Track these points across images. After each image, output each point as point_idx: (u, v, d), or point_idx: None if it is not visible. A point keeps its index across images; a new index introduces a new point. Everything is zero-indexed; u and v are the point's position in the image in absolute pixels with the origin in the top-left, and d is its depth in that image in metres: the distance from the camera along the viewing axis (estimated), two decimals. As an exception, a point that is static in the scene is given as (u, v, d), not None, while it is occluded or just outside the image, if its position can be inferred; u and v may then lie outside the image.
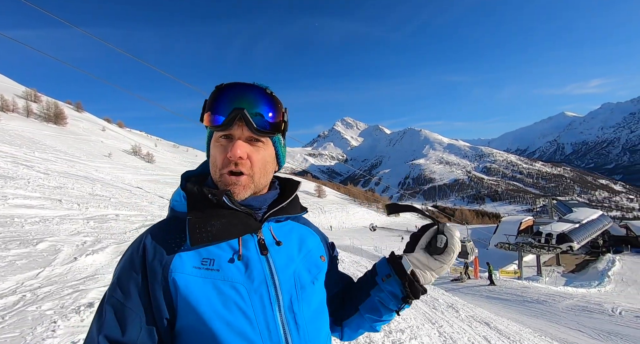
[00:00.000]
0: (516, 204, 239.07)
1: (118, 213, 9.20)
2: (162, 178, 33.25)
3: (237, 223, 0.71)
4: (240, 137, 0.70)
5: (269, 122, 0.71)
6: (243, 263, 0.69)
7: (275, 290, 0.70)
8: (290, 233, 0.82)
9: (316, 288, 0.79)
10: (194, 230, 0.67)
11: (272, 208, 0.78)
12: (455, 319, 6.92)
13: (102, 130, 52.22)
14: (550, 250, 27.05)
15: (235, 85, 0.71)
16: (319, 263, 0.84)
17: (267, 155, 0.75)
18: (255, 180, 0.73)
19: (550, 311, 12.19)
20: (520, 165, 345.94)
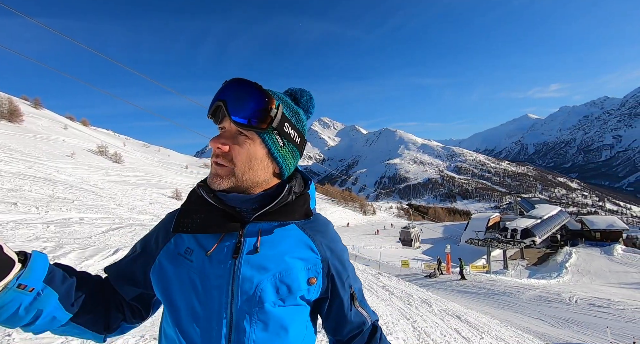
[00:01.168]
0: (485, 201, 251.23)
1: (82, 216, 8.68)
2: (132, 179, 31.67)
3: (212, 220, 0.71)
4: (230, 130, 0.71)
5: (250, 115, 0.68)
6: (210, 260, 0.70)
7: (229, 299, 0.67)
8: (281, 242, 0.75)
9: (280, 312, 0.71)
10: (178, 219, 0.74)
11: (261, 210, 0.73)
12: (429, 314, 7.17)
13: (64, 128, 48.90)
14: (516, 245, 28.74)
15: (228, 81, 0.71)
16: (299, 284, 0.74)
17: (253, 150, 0.71)
18: (237, 174, 0.70)
19: (515, 303, 12.95)
20: (488, 164, 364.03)
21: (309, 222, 0.80)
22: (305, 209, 0.78)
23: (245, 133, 0.70)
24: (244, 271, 0.69)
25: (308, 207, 0.79)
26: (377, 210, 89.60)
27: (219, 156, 0.70)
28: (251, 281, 0.69)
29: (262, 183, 0.74)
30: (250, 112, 0.68)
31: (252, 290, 0.68)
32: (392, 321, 5.53)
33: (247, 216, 0.74)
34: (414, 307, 7.57)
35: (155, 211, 13.79)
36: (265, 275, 0.70)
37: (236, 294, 0.68)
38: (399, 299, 8.18)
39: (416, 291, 10.73)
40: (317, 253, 0.78)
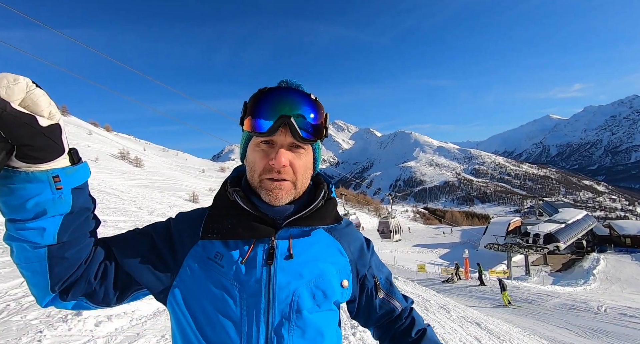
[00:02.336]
0: (504, 205, 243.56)
1: (106, 218, 9.02)
2: (152, 182, 32.68)
3: (246, 226, 0.71)
4: (283, 144, 0.69)
5: (312, 129, 0.69)
6: (245, 268, 0.69)
7: (267, 306, 0.68)
8: (312, 247, 0.76)
9: (316, 317, 0.72)
10: (207, 225, 0.74)
11: (294, 215, 0.74)
12: (447, 320, 7.00)
13: (89, 134, 51.17)
14: (538, 250, 27.65)
15: (279, 89, 0.69)
16: (334, 289, 0.75)
17: (308, 161, 0.74)
18: (297, 187, 0.73)
19: (539, 310, 12.42)
20: (507, 167, 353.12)
21: (335, 226, 0.81)
22: (335, 214, 0.80)
23: (303, 146, 0.72)
24: (280, 278, 0.69)
25: (337, 212, 0.82)
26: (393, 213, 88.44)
27: (281, 171, 0.69)
28: (288, 288, 0.69)
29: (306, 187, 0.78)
30: (313, 126, 0.69)
31: (289, 297, 0.69)
32: (408, 327, 5.44)
33: (278, 221, 0.73)
34: (432, 313, 7.41)
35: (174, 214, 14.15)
36: (301, 281, 0.71)
37: (273, 301, 0.68)
38: (415, 304, 8.00)
39: (433, 296, 10.50)
40: (345, 256, 0.81)
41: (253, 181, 0.73)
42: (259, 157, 0.70)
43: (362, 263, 0.84)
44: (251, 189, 0.75)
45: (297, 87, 0.72)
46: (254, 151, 0.72)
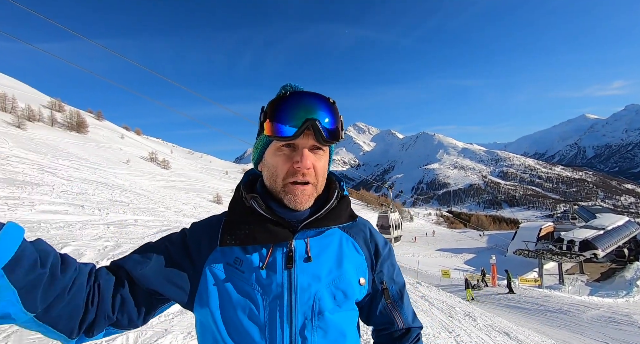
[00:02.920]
0: (535, 209, 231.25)
1: (136, 218, 9.46)
2: (178, 184, 33.97)
3: (263, 231, 0.72)
4: (305, 146, 0.70)
5: (332, 132, 0.71)
6: (266, 272, 0.71)
7: (289, 309, 0.69)
8: (328, 247, 0.77)
9: (337, 318, 0.73)
10: (225, 232, 0.74)
11: (310, 218, 0.75)
12: (473, 329, 6.74)
13: (121, 138, 54.03)
14: (573, 258, 25.97)
15: (300, 94, 0.70)
16: (353, 288, 0.77)
17: (326, 162, 0.77)
18: (318, 189, 0.75)
19: (575, 322, 11.66)
20: (538, 169, 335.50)
21: (350, 224, 0.81)
22: (349, 212, 0.81)
23: (322, 148, 0.74)
24: (301, 280, 0.71)
25: (351, 209, 0.82)
26: (415, 217, 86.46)
27: (305, 174, 0.70)
28: (309, 291, 0.71)
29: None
30: (332, 130, 0.71)
31: (311, 300, 0.71)
32: (432, 334, 5.29)
33: (294, 224, 0.74)
34: (457, 320, 7.16)
35: (199, 215, 14.62)
36: (321, 282, 0.73)
37: (295, 304, 0.69)
38: (439, 310, 7.78)
39: (458, 303, 10.14)
40: (362, 254, 0.82)
41: (275, 186, 0.73)
42: (282, 160, 0.71)
43: (377, 261, 0.85)
44: (267, 194, 0.76)
45: (309, 91, 0.73)
46: (275, 155, 0.72)
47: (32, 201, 7.97)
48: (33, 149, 19.86)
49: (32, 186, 9.85)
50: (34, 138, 25.33)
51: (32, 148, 20.14)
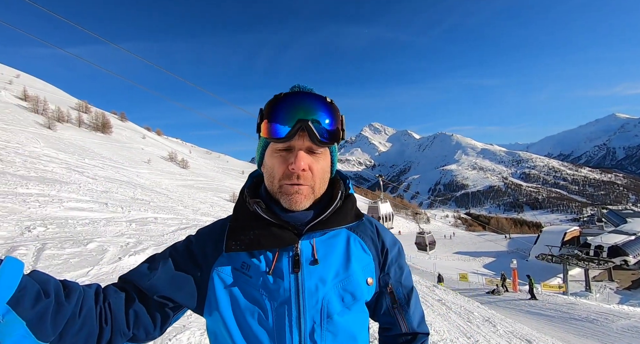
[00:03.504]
0: (559, 213, 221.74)
1: (157, 216, 9.75)
2: (196, 183, 34.80)
3: (268, 236, 0.70)
4: (301, 148, 0.68)
5: (329, 132, 0.69)
6: (272, 277, 0.70)
7: (298, 314, 0.68)
8: (335, 249, 0.75)
9: (346, 320, 0.72)
10: (230, 237, 0.73)
11: (314, 220, 0.73)
12: (493, 335, 6.53)
13: (143, 138, 55.94)
14: (601, 264, 24.72)
15: (294, 94, 0.69)
16: (362, 289, 0.75)
17: (326, 164, 0.74)
18: (316, 191, 0.73)
19: (603, 332, 11.09)
20: (563, 171, 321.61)
21: (356, 223, 0.79)
22: (354, 211, 0.79)
23: (321, 149, 0.71)
24: (308, 284, 0.69)
25: (357, 208, 0.80)
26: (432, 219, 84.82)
27: (300, 177, 0.68)
28: (317, 295, 0.69)
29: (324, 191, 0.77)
30: (330, 130, 0.69)
31: (319, 303, 0.69)
32: (449, 339, 5.15)
33: (299, 227, 0.73)
34: (475, 325, 6.96)
35: (216, 214, 14.92)
36: (329, 285, 0.71)
37: (303, 308, 0.68)
38: (457, 315, 7.59)
39: (477, 308, 9.85)
40: (369, 254, 0.79)
41: (272, 188, 0.72)
42: (278, 162, 0.70)
43: (385, 262, 0.82)
44: (271, 197, 0.75)
45: (310, 91, 0.72)
46: (272, 157, 0.71)
47: (61, 199, 8.37)
48: (62, 149, 20.87)
49: (60, 184, 10.35)
50: (63, 138, 26.63)
51: (61, 148, 21.17)
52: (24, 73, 61.54)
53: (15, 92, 37.82)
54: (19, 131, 21.74)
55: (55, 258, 4.41)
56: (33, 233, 5.26)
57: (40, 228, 5.56)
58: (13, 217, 5.83)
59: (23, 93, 37.17)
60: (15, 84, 43.04)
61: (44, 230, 5.55)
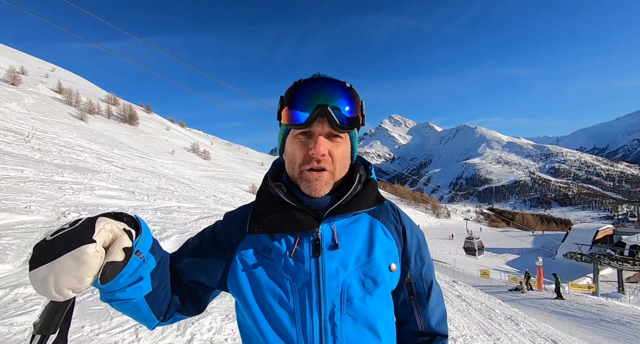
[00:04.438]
0: (591, 210, 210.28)
1: (180, 205, 10.10)
2: (217, 174, 35.72)
3: (290, 220, 0.72)
4: (321, 133, 0.69)
5: (349, 118, 0.69)
6: (294, 260, 0.71)
7: (318, 296, 0.69)
8: (357, 234, 0.75)
9: (367, 305, 0.71)
10: (253, 220, 0.75)
11: (334, 204, 0.73)
12: (516, 333, 6.34)
13: (167, 130, 57.82)
14: (636, 265, 23.28)
15: (314, 80, 0.70)
16: (383, 275, 0.74)
17: (346, 150, 0.74)
18: (336, 176, 0.73)
19: (636, 335, 10.51)
20: (597, 165, 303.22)
21: (379, 208, 0.80)
22: (375, 195, 0.79)
23: (341, 135, 0.72)
24: (329, 268, 0.70)
25: (378, 192, 0.80)
26: (452, 213, 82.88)
27: (321, 161, 0.70)
28: (337, 279, 0.70)
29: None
30: (350, 116, 0.69)
31: (339, 287, 0.70)
32: (470, 335, 5.05)
33: (320, 212, 0.74)
34: (497, 323, 6.78)
35: (236, 204, 15.26)
36: (349, 270, 0.71)
37: (324, 291, 0.69)
38: (477, 312, 7.42)
39: (499, 305, 9.59)
40: (392, 239, 0.78)
41: (293, 173, 0.73)
42: (298, 148, 0.71)
43: (405, 248, 0.81)
44: (292, 182, 0.75)
45: (326, 77, 0.71)
46: (292, 143, 0.72)
47: (92, 187, 8.83)
48: (93, 139, 21.96)
49: (92, 173, 10.91)
50: (94, 129, 27.98)
51: (92, 138, 22.28)
52: (58, 67, 64.84)
53: (51, 85, 39.96)
54: (54, 122, 23.04)
55: (88, 242, 4.67)
56: (68, 219, 5.58)
57: (74, 214, 5.89)
58: (50, 203, 6.21)
59: (58, 86, 39.23)
60: (51, 78, 45.45)
61: (77, 216, 5.87)
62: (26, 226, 4.74)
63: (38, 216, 5.28)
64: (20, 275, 3.30)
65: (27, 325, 2.51)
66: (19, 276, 3.29)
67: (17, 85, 32.80)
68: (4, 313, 2.62)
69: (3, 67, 36.34)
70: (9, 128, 14.78)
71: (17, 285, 3.08)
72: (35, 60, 64.93)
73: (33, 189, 6.82)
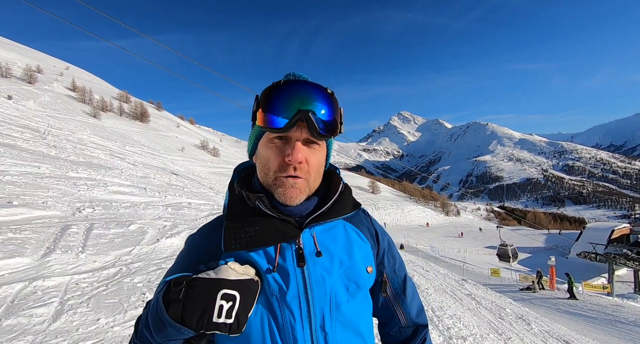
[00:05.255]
0: (607, 208, 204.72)
1: (190, 201, 10.24)
2: (226, 171, 36.06)
3: (271, 231, 0.68)
4: (299, 139, 0.65)
5: (329, 125, 0.66)
6: (278, 274, 0.67)
7: (307, 307, 0.66)
8: (336, 240, 0.74)
9: (353, 307, 0.71)
10: (228, 236, 0.68)
11: (314, 212, 0.71)
12: (527, 333, 6.25)
13: (177, 127, 58.53)
14: (654, 265, 22.64)
15: (296, 83, 0.65)
16: (363, 277, 0.74)
17: (322, 157, 0.72)
18: (310, 184, 0.70)
19: (652, 338, 10.25)
20: (614, 163, 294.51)
21: (352, 214, 0.79)
22: (352, 201, 0.79)
23: (317, 142, 0.68)
24: (315, 277, 0.68)
25: (354, 198, 0.80)
26: (462, 211, 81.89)
27: (297, 169, 0.66)
28: (324, 286, 0.68)
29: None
30: (328, 122, 0.66)
31: (327, 294, 0.68)
32: (479, 334, 5.00)
33: (299, 220, 0.71)
34: (507, 322, 6.69)
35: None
36: (334, 276, 0.70)
37: (312, 300, 0.67)
38: (487, 310, 7.34)
39: (509, 304, 9.47)
40: (367, 242, 0.79)
41: (267, 180, 0.69)
42: (274, 153, 0.66)
43: (379, 251, 0.82)
44: (265, 189, 0.71)
45: (306, 80, 0.67)
46: (267, 147, 0.68)
47: (106, 183, 9.02)
48: (106, 136, 22.41)
49: (105, 169, 11.14)
50: (106, 126, 28.54)
51: (105, 135, 22.74)
52: (72, 65, 66.23)
53: (66, 83, 40.88)
54: (69, 119, 23.59)
55: (102, 237, 4.79)
56: (83, 214, 5.73)
57: (89, 210, 6.04)
58: (66, 198, 6.38)
59: (72, 84, 40.11)
60: (66, 76, 46.49)
61: (92, 211, 6.02)
62: (43, 221, 4.89)
63: (54, 212, 5.43)
64: (38, 268, 3.41)
65: (46, 317, 2.59)
66: (37, 269, 3.39)
67: (33, 84, 33.68)
68: (23, 304, 2.71)
69: (20, 66, 37.33)
70: (26, 125, 15.21)
71: (36, 278, 3.18)
72: (51, 58, 66.50)
73: (49, 185, 7.02)
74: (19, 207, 5.13)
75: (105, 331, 2.56)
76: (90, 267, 3.75)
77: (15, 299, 2.78)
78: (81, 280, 3.37)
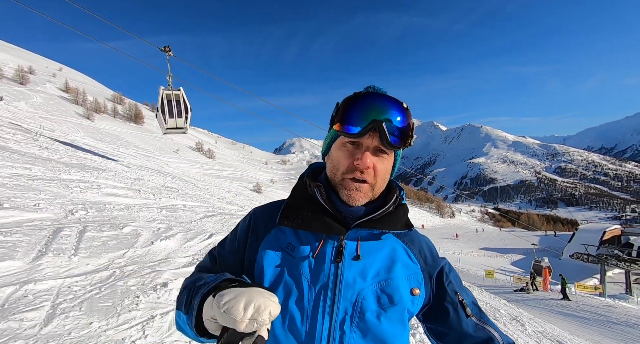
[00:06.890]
0: (598, 210, 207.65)
1: (185, 203, 10.16)
2: (221, 172, 35.91)
3: (319, 220, 0.74)
4: (370, 146, 0.71)
5: (399, 137, 0.71)
6: (315, 261, 0.73)
7: (332, 301, 0.70)
8: (379, 251, 0.76)
9: (380, 322, 0.70)
10: (284, 212, 0.78)
11: (365, 217, 0.75)
12: (521, 334, 6.30)
13: (172, 129, 58.12)
14: (644, 266, 22.99)
15: (374, 95, 0.72)
16: (401, 295, 0.73)
17: (389, 166, 0.77)
18: (375, 190, 0.75)
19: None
20: (605, 165, 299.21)
21: (405, 232, 0.81)
22: (405, 220, 0.81)
23: (387, 151, 0.74)
24: (347, 276, 0.71)
25: (408, 218, 0.83)
26: (457, 213, 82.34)
27: (364, 173, 0.71)
28: (353, 288, 0.71)
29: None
30: (400, 133, 0.71)
31: (354, 297, 0.71)
32: (475, 336, 5.02)
33: (349, 221, 0.75)
34: (502, 323, 6.73)
35: (240, 203, 15.33)
36: (367, 283, 0.72)
37: (339, 297, 0.70)
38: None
39: (503, 305, 9.53)
40: (416, 263, 0.80)
41: (334, 179, 0.75)
42: (344, 155, 0.73)
43: (439, 272, 0.82)
44: (330, 186, 0.78)
45: (384, 93, 0.74)
46: (339, 150, 0.74)
47: (99, 185, 8.91)
48: (99, 138, 22.18)
49: (98, 171, 11.02)
50: (100, 128, 28.25)
51: (98, 137, 22.50)
52: (65, 66, 65.54)
53: (59, 84, 40.42)
54: (62, 121, 23.31)
55: (95, 239, 4.72)
56: (75, 216, 5.65)
57: (82, 212, 5.96)
58: (58, 201, 6.28)
59: (65, 85, 39.70)
60: (58, 77, 45.97)
61: (84, 214, 5.94)
62: (35, 224, 4.81)
63: (47, 214, 5.35)
64: (29, 271, 3.35)
65: (37, 321, 2.55)
66: (29, 272, 3.34)
67: (25, 85, 33.24)
68: (14, 308, 2.66)
69: (12, 67, 36.83)
70: (17, 126, 14.98)
71: (27, 281, 3.13)
72: (44, 59, 65.76)
73: (41, 187, 6.91)
74: (9, 209, 5.04)
75: (98, 335, 2.52)
76: (83, 270, 3.70)
77: (6, 303, 2.73)
78: (73, 283, 3.32)
